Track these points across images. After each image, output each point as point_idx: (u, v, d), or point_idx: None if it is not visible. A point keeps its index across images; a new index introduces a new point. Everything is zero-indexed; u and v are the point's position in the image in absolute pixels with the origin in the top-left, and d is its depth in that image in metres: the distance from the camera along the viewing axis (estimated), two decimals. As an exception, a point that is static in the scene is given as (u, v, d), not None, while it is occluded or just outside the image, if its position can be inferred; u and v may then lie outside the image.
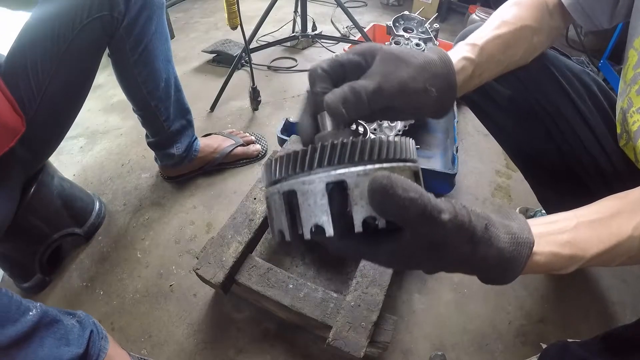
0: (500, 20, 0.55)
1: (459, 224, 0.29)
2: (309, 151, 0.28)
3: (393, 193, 0.26)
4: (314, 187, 0.27)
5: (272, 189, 0.30)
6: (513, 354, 0.85)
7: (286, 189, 0.29)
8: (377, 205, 0.27)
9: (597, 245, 0.36)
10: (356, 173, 0.27)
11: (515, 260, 0.32)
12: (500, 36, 0.53)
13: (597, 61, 1.67)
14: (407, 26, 1.57)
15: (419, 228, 0.28)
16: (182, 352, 0.83)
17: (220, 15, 2.36)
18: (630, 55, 0.56)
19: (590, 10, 0.57)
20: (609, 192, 0.42)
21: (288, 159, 0.28)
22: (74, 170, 1.29)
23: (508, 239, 0.32)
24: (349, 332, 0.69)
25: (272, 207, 0.31)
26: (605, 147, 0.66)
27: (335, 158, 0.27)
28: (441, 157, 1.28)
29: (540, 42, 0.59)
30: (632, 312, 0.93)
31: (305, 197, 0.28)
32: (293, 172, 0.28)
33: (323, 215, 0.27)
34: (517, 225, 0.34)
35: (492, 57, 0.53)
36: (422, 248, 0.29)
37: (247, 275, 0.79)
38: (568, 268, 0.36)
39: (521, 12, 0.57)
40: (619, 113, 0.61)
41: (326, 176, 0.27)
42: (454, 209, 0.29)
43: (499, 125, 0.80)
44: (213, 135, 1.29)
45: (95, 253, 1.03)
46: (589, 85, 0.68)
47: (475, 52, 0.50)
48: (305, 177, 0.28)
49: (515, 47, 0.56)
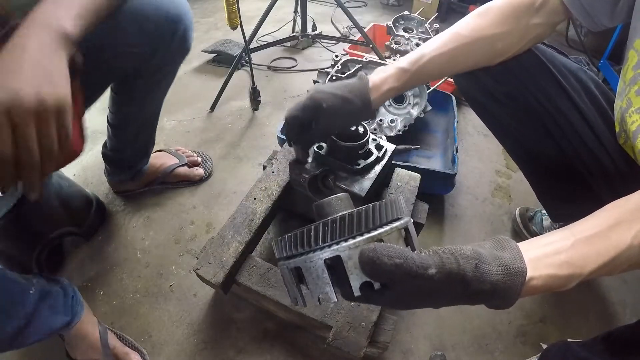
0: (454, 33, 0.64)
1: (446, 273, 0.32)
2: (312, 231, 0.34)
3: (380, 262, 0.30)
4: (315, 264, 0.33)
5: (282, 264, 0.37)
6: (513, 354, 0.84)
7: (293, 266, 0.35)
8: (368, 273, 0.31)
9: (595, 261, 0.37)
10: (347, 247, 0.32)
11: (510, 290, 0.34)
12: (445, 53, 0.63)
13: (597, 61, 1.67)
14: (407, 26, 1.57)
15: (408, 284, 0.32)
16: (182, 352, 0.83)
17: (220, 15, 2.36)
18: (630, 55, 0.56)
19: (590, 7, 0.57)
20: (610, 189, 0.42)
21: (294, 239, 0.35)
22: (74, 170, 1.29)
23: (500, 271, 0.34)
24: (349, 332, 0.69)
25: (285, 279, 0.37)
26: (604, 144, 0.66)
27: (328, 236, 0.33)
28: (441, 157, 1.28)
29: (509, 46, 0.64)
30: (632, 312, 0.93)
31: (309, 272, 0.34)
32: (299, 249, 0.34)
33: (326, 287, 0.33)
34: (509, 255, 0.36)
35: (428, 74, 0.66)
36: (415, 295, 0.33)
37: (247, 275, 0.79)
38: (567, 286, 0.37)
39: (482, 22, 0.62)
40: (618, 112, 0.61)
41: (323, 253, 0.33)
42: (441, 260, 0.32)
43: (498, 122, 0.80)
44: (159, 153, 1.23)
45: (95, 253, 1.03)
46: (586, 83, 0.68)
47: (402, 79, 0.64)
48: (306, 256, 0.34)
49: (466, 57, 0.65)
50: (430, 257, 0.32)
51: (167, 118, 1.52)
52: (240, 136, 1.42)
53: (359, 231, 0.33)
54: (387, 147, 0.83)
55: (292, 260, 0.35)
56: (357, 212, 0.33)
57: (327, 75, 1.23)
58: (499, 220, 1.14)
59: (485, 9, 0.63)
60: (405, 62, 0.64)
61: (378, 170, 0.78)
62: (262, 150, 1.35)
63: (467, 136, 1.46)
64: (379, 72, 0.66)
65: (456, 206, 1.18)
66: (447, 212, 1.15)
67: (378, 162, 0.79)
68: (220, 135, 1.43)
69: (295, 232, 0.35)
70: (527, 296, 0.37)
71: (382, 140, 0.84)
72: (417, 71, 0.63)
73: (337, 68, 1.25)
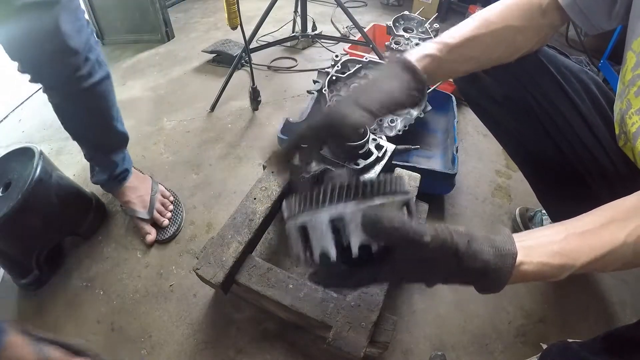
0: (483, 19, 0.59)
1: (441, 242, 0.34)
2: (320, 193, 0.36)
3: (379, 224, 0.33)
4: (320, 222, 0.36)
5: (290, 222, 0.39)
6: (513, 354, 0.84)
7: (299, 224, 0.38)
8: (368, 233, 0.34)
9: (588, 254, 0.38)
10: (351, 209, 0.35)
11: (500, 271, 0.36)
12: (477, 37, 0.58)
13: (597, 61, 1.67)
14: (407, 26, 1.57)
15: (405, 249, 0.34)
16: (182, 352, 0.83)
17: (220, 15, 2.36)
18: (628, 57, 0.56)
19: (587, 9, 0.57)
20: (610, 191, 0.43)
21: (303, 199, 0.37)
22: (74, 170, 1.29)
23: (492, 252, 0.36)
24: (349, 332, 0.69)
25: (292, 237, 0.40)
26: (604, 145, 0.66)
27: (335, 198, 0.36)
28: (441, 157, 1.28)
29: (526, 41, 0.62)
30: (632, 312, 0.93)
31: (314, 230, 0.37)
32: (307, 208, 0.37)
33: (327, 243, 0.36)
34: (500, 238, 0.38)
35: (463, 55, 0.59)
36: (412, 265, 0.36)
37: (247, 275, 0.79)
38: (559, 276, 0.38)
39: (507, 11, 0.60)
40: (617, 114, 0.61)
41: (329, 213, 0.35)
42: (436, 231, 0.35)
43: (498, 123, 0.80)
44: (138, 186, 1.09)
45: (95, 253, 1.03)
46: (587, 84, 0.68)
47: (443, 50, 0.56)
48: (313, 215, 0.36)
49: (494, 46, 0.60)
50: (427, 227, 0.34)
51: (167, 118, 1.53)
52: (240, 136, 1.42)
53: (364, 197, 0.35)
54: (387, 147, 0.83)
55: (300, 218, 0.37)
56: (363, 180, 0.36)
57: (327, 75, 1.23)
58: (499, 220, 1.14)
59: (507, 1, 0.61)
60: (444, 37, 0.57)
61: (378, 170, 0.78)
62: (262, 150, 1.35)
63: (467, 136, 1.46)
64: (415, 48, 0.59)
65: (456, 206, 1.18)
66: (447, 212, 1.15)
67: (378, 162, 0.79)
68: (220, 135, 1.43)
69: (305, 193, 0.37)
70: (519, 282, 0.38)
71: (382, 140, 0.84)
72: (456, 45, 0.56)
73: (337, 68, 1.25)
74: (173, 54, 1.99)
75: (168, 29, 2.10)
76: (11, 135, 1.49)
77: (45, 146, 1.41)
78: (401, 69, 0.52)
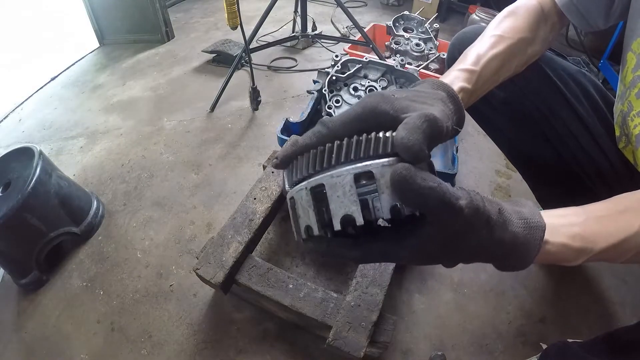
0: (497, 35, 0.56)
1: (475, 208, 0.30)
2: (334, 147, 0.29)
3: (413, 182, 0.27)
4: (343, 179, 0.29)
5: (298, 187, 0.31)
6: (513, 354, 0.84)
7: (314, 184, 0.30)
8: (399, 193, 0.28)
9: (605, 239, 0.36)
10: (381, 164, 0.29)
11: (529, 244, 0.33)
12: (497, 56, 0.54)
13: (598, 61, 1.67)
14: (407, 26, 1.57)
15: (440, 215, 0.29)
16: (182, 352, 0.83)
17: (220, 15, 2.36)
18: (628, 58, 0.56)
19: (585, 10, 0.57)
20: (609, 193, 0.42)
21: (314, 157, 0.30)
22: (74, 170, 1.29)
23: (521, 223, 0.33)
24: (349, 332, 0.69)
25: (299, 204, 0.32)
26: (603, 148, 0.66)
27: (361, 152, 0.29)
28: (441, 157, 1.28)
29: (535, 52, 0.60)
30: (632, 312, 0.93)
31: (334, 189, 0.29)
32: (320, 167, 0.30)
33: (352, 205, 0.29)
34: (528, 210, 0.35)
35: (488, 79, 0.54)
36: (444, 239, 0.31)
37: (247, 275, 0.79)
38: (577, 260, 0.37)
39: (517, 23, 0.57)
40: (618, 116, 0.61)
41: (353, 168, 0.29)
42: (469, 195, 0.30)
43: (496, 128, 0.80)
44: None
45: (95, 253, 1.03)
46: (585, 86, 0.68)
47: (473, 81, 0.51)
48: (333, 171, 0.29)
49: (511, 62, 0.57)
50: (459, 190, 0.30)
51: (167, 118, 1.53)
52: (240, 136, 1.42)
53: (392, 150, 0.29)
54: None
55: (314, 178, 0.30)
56: (387, 136, 0.30)
57: (327, 75, 1.23)
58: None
59: (513, 11, 0.59)
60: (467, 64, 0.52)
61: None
62: (262, 150, 1.35)
63: (467, 136, 1.46)
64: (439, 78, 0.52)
65: (456, 206, 1.17)
66: (447, 212, 1.15)
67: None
68: (220, 135, 1.43)
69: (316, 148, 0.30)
70: (539, 262, 0.36)
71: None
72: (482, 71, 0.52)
73: (337, 68, 1.25)
74: (173, 54, 1.99)
75: (168, 29, 2.10)
76: (11, 135, 1.49)
77: (45, 146, 1.41)
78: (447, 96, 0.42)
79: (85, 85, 1.77)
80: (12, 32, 1.83)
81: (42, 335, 0.87)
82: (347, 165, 0.29)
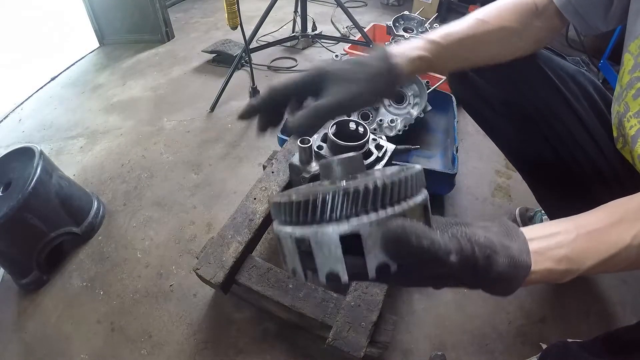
0: (479, 19, 0.58)
1: (464, 259, 0.31)
2: (319, 201, 0.28)
3: (407, 243, 0.27)
4: (328, 239, 0.28)
5: (283, 230, 0.30)
6: (513, 354, 0.84)
7: (299, 235, 0.29)
8: (391, 254, 0.28)
9: (593, 258, 0.37)
10: (369, 223, 0.27)
11: (512, 281, 0.34)
12: (472, 36, 0.56)
13: (598, 61, 1.67)
14: (407, 26, 1.57)
15: (428, 266, 0.30)
16: (182, 352, 0.83)
17: (220, 15, 2.36)
18: (625, 59, 0.56)
19: (583, 11, 0.57)
20: (609, 193, 0.42)
21: (304, 205, 0.28)
22: (74, 170, 1.29)
23: (507, 262, 0.33)
24: (349, 332, 0.69)
25: (285, 246, 0.31)
26: (602, 148, 0.66)
27: (347, 209, 0.28)
28: (441, 157, 1.28)
29: (523, 43, 0.61)
30: (632, 312, 0.92)
31: (319, 246, 0.28)
32: (304, 219, 0.29)
33: (337, 264, 0.28)
34: (517, 247, 0.35)
35: (455, 55, 0.57)
36: (429, 278, 0.32)
37: (247, 275, 0.79)
38: (563, 279, 0.37)
39: (503, 13, 0.59)
40: (615, 117, 0.61)
41: (340, 228, 0.28)
42: (460, 246, 0.31)
43: (495, 128, 0.80)
44: None
45: (95, 253, 1.03)
46: (584, 86, 0.68)
47: (434, 52, 0.53)
48: (318, 228, 0.28)
49: (489, 46, 0.59)
50: (451, 242, 0.30)
51: (167, 118, 1.53)
52: (240, 136, 1.42)
53: (383, 204, 0.28)
54: (387, 147, 0.83)
55: (300, 229, 0.29)
56: (381, 181, 0.28)
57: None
58: (499, 220, 1.14)
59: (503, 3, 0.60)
60: (435, 35, 0.54)
61: (378, 170, 0.78)
62: (262, 150, 1.35)
63: (467, 136, 1.46)
64: (401, 43, 0.55)
65: (456, 206, 1.17)
66: (447, 212, 1.15)
67: (378, 162, 0.79)
68: (220, 135, 1.43)
69: (304, 194, 0.28)
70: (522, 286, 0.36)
71: (382, 140, 0.84)
72: (448, 46, 0.54)
73: (337, 68, 1.25)
74: (173, 54, 1.99)
75: (168, 29, 2.10)
76: (11, 135, 1.49)
77: (45, 146, 1.41)
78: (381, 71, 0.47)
79: (85, 85, 1.78)
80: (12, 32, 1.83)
81: (42, 335, 0.87)
82: (335, 223, 0.28)
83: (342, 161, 0.32)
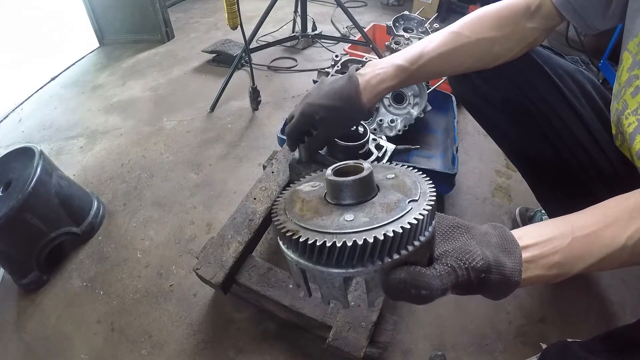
0: (453, 32, 0.62)
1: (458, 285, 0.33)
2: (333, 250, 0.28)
3: (406, 293, 0.29)
4: (333, 278, 0.30)
5: (290, 255, 0.31)
6: (513, 354, 0.84)
7: (304, 267, 0.31)
8: (392, 298, 0.30)
9: (586, 261, 0.37)
10: (373, 270, 0.29)
11: (500, 294, 0.36)
12: (444, 53, 0.61)
13: (597, 61, 1.67)
14: (407, 26, 1.57)
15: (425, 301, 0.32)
16: (182, 352, 0.83)
17: (220, 15, 2.36)
18: (624, 57, 0.56)
19: (582, 9, 0.57)
20: (608, 190, 0.42)
21: (305, 246, 0.29)
22: (74, 170, 1.29)
23: (498, 279, 0.35)
24: (349, 332, 0.69)
25: (290, 267, 0.33)
26: (601, 145, 0.66)
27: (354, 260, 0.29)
28: (441, 157, 1.28)
29: (505, 49, 0.63)
30: (632, 312, 0.93)
31: (324, 281, 0.31)
32: (310, 259, 0.30)
33: (341, 296, 0.31)
34: (510, 266, 0.36)
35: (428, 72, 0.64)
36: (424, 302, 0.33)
37: (247, 275, 0.79)
38: (554, 281, 0.38)
39: (481, 23, 0.61)
40: (614, 115, 0.61)
41: (344, 272, 0.29)
42: (457, 277, 0.32)
43: (495, 126, 0.80)
44: None
45: (95, 253, 1.03)
46: (583, 84, 0.68)
47: (402, 77, 0.62)
48: (323, 269, 0.30)
49: (464, 59, 0.63)
50: (448, 277, 0.32)
51: (167, 118, 1.53)
52: (240, 136, 1.42)
53: (389, 253, 0.29)
54: (387, 147, 0.83)
55: (305, 264, 0.30)
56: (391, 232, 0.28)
57: (327, 75, 1.23)
58: (499, 220, 1.14)
59: (484, 12, 0.62)
60: (404, 60, 0.61)
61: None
62: (262, 150, 1.35)
63: (467, 136, 1.46)
64: (373, 68, 0.62)
65: (456, 206, 1.17)
66: (447, 212, 1.15)
67: (378, 162, 0.79)
68: (220, 135, 1.43)
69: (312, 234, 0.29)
70: None
71: (382, 140, 0.84)
72: (416, 70, 0.61)
73: (337, 68, 1.25)
74: (173, 54, 2.00)
75: (168, 29, 2.10)
76: (11, 135, 1.49)
77: (45, 146, 1.41)
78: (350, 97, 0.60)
79: (85, 85, 1.78)
80: (12, 32, 1.83)
81: (42, 335, 0.87)
82: (339, 268, 0.29)
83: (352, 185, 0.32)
